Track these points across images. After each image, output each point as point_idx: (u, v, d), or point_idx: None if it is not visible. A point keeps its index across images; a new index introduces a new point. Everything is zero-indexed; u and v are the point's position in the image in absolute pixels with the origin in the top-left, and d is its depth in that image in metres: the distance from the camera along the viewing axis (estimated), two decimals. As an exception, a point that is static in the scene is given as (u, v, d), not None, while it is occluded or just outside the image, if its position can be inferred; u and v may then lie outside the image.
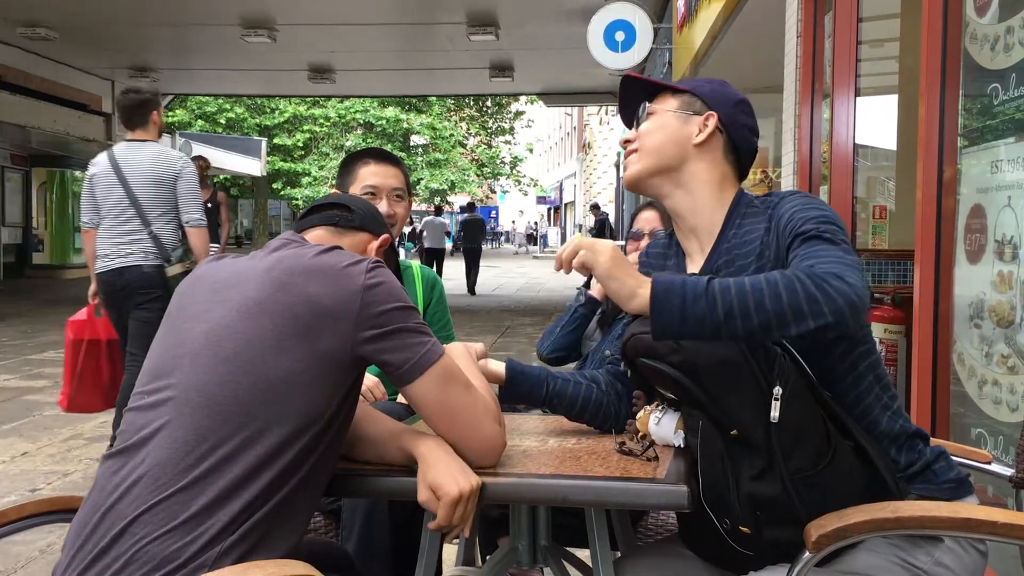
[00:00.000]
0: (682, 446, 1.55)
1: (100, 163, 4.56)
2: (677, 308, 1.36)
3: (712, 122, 1.70)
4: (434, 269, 15.54)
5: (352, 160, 2.55)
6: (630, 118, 1.93)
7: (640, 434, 1.63)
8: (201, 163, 8.75)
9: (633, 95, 1.85)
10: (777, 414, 1.35)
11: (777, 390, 1.37)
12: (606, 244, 1.54)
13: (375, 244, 1.78)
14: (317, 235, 1.71)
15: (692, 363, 1.40)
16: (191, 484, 1.32)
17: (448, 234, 21.11)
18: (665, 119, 1.73)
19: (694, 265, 1.72)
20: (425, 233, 18.84)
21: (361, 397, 1.63)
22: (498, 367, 1.79)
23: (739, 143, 1.73)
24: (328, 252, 1.52)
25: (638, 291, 1.44)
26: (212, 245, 8.49)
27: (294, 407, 1.39)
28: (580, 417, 1.82)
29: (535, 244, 48.16)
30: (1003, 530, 1.32)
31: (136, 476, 1.34)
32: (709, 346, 1.39)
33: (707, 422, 1.42)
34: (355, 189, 2.46)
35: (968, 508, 1.37)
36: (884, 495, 1.41)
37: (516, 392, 1.79)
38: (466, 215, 18.98)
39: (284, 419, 1.38)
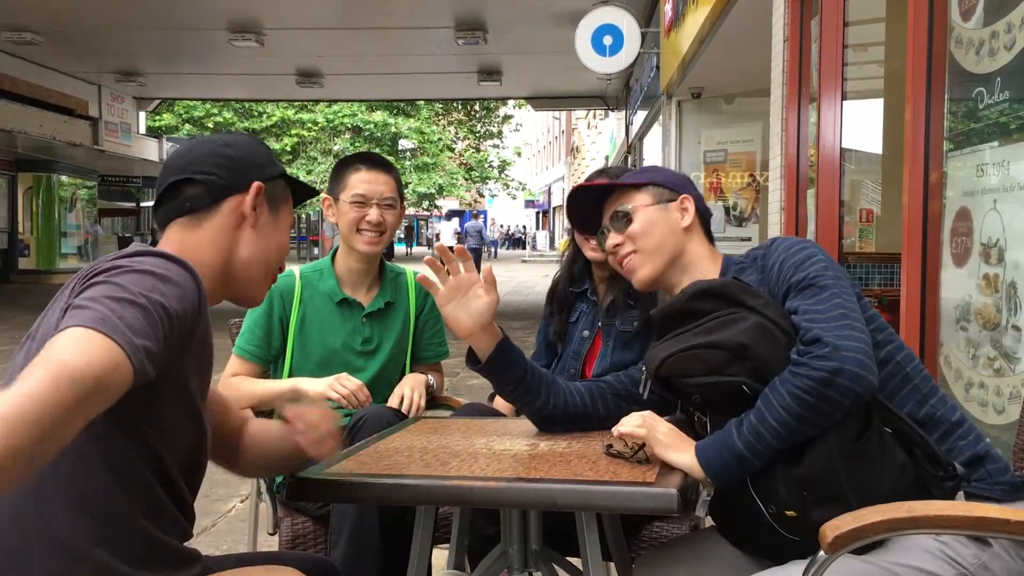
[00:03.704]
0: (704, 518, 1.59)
1: None
2: (726, 468, 1.48)
3: (690, 204, 1.80)
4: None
5: (343, 165, 2.52)
6: (586, 225, 1.95)
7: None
8: None
9: (581, 201, 1.91)
10: None
11: None
12: (663, 426, 1.59)
13: (248, 202, 1.39)
14: (169, 238, 1.39)
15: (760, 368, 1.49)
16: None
17: (458, 234, 25.55)
18: (649, 214, 1.79)
19: None
20: (440, 233, 24.50)
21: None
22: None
23: (703, 213, 1.84)
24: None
25: (691, 462, 1.52)
26: None
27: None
28: (566, 415, 1.86)
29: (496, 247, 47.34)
30: (1016, 528, 1.33)
31: None
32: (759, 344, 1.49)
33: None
34: (345, 196, 2.45)
35: (982, 507, 1.38)
36: (919, 474, 1.45)
37: (503, 357, 1.81)
38: (470, 220, 23.66)
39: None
